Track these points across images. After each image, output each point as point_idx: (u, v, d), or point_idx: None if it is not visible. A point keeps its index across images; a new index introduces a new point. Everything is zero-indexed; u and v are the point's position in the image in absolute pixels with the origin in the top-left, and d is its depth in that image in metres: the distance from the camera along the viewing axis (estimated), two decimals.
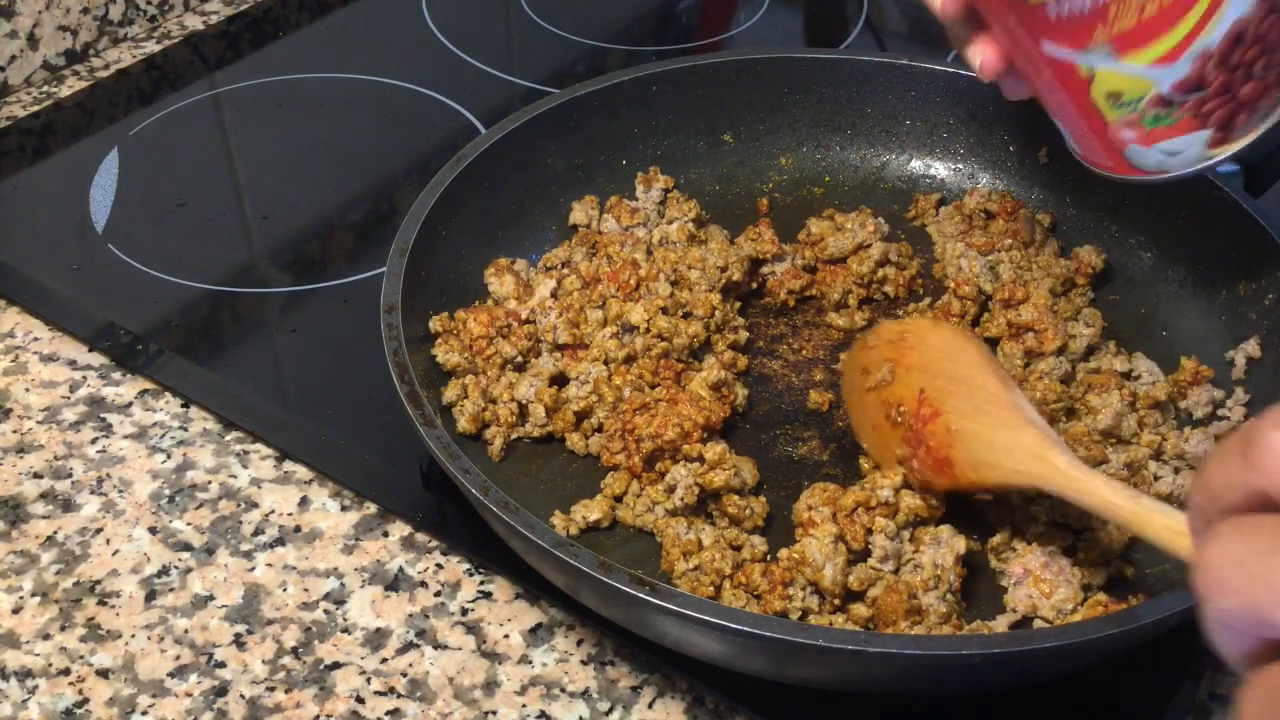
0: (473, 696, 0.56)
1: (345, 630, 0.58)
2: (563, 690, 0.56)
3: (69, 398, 0.70)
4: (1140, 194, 0.74)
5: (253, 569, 0.61)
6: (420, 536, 0.63)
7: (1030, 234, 0.75)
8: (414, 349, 0.62)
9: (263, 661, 0.57)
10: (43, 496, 0.64)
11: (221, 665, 0.57)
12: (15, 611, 0.59)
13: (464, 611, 0.59)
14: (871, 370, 0.64)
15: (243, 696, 0.55)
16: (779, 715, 0.54)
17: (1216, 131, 0.57)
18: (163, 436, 0.67)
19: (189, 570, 0.61)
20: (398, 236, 0.66)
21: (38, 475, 0.65)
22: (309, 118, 0.94)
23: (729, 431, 0.66)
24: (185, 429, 0.68)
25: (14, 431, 0.67)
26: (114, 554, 0.61)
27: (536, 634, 0.58)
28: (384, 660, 0.57)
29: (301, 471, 0.66)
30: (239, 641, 0.58)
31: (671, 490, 0.60)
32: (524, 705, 0.55)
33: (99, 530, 0.63)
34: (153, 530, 0.63)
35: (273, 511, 0.64)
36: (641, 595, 0.49)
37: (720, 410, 0.63)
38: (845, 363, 0.68)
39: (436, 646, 0.58)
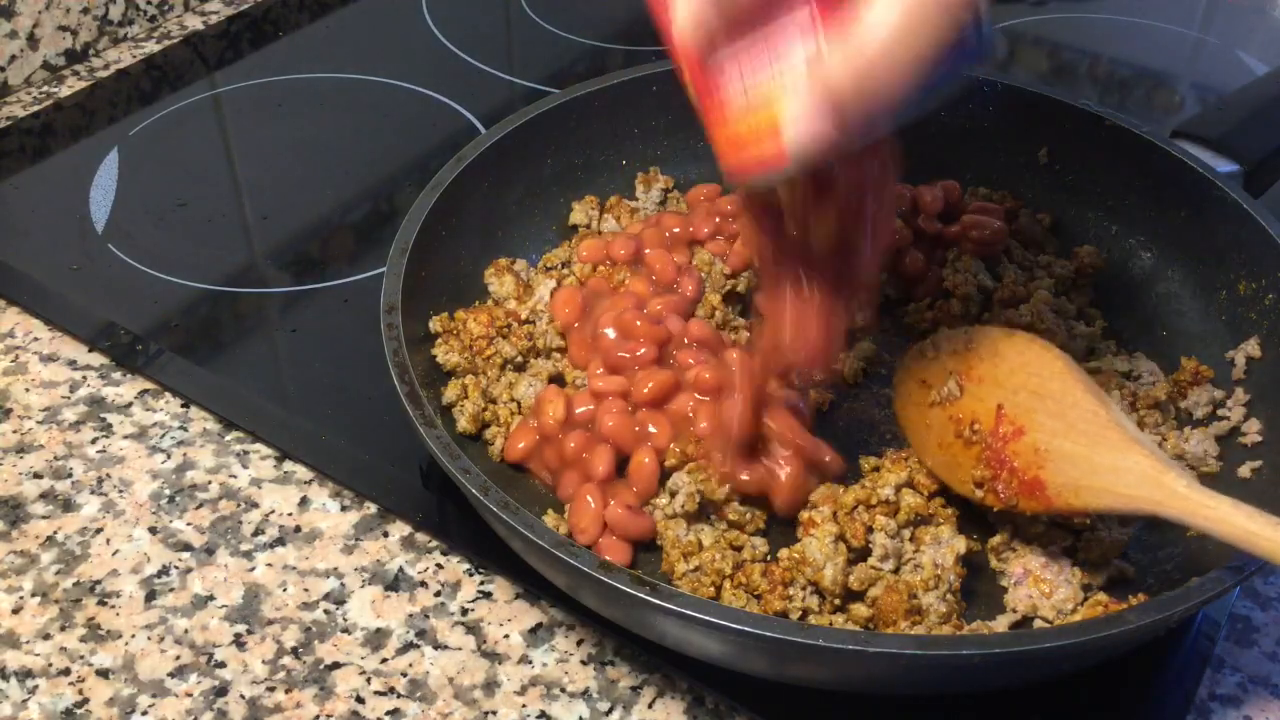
0: (473, 696, 0.56)
1: (345, 630, 0.58)
2: (563, 690, 0.56)
3: (69, 398, 0.70)
4: (1140, 194, 0.74)
5: (253, 569, 0.61)
6: (420, 536, 0.63)
7: (1030, 234, 0.75)
8: (414, 349, 0.62)
9: (263, 661, 0.57)
10: (43, 496, 0.64)
11: (221, 665, 0.57)
12: (15, 611, 0.59)
13: (464, 611, 0.59)
14: (933, 383, 0.59)
15: (243, 696, 0.55)
16: (779, 715, 0.54)
17: None
18: (163, 436, 0.67)
19: (189, 570, 0.61)
20: (398, 236, 0.66)
21: (38, 475, 0.65)
22: (309, 118, 0.94)
23: None
24: (185, 429, 0.68)
25: (14, 431, 0.67)
26: (114, 554, 0.61)
27: (536, 634, 0.58)
28: (384, 660, 0.57)
29: (301, 471, 0.66)
30: (239, 641, 0.58)
31: (673, 496, 0.60)
32: (524, 705, 0.55)
33: (99, 530, 0.63)
34: (153, 530, 0.63)
35: (273, 511, 0.64)
36: (641, 595, 0.49)
37: None
38: (899, 373, 0.63)
39: (436, 646, 0.58)
